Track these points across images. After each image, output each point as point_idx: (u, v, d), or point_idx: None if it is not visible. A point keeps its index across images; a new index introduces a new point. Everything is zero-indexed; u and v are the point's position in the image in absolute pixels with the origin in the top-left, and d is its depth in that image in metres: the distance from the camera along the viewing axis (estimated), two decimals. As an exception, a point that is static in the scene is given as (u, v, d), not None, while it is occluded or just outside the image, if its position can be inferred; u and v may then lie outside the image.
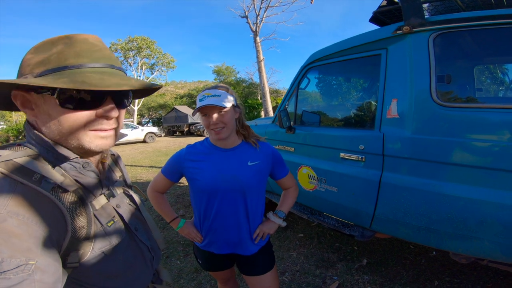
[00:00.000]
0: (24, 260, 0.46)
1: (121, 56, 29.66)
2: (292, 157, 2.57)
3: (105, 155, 0.76)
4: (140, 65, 30.48)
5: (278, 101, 31.23)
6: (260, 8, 13.31)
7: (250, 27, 13.60)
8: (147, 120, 41.16)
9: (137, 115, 32.74)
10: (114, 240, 0.67)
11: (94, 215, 0.65)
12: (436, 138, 1.59)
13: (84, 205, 0.62)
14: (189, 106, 32.43)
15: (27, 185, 0.53)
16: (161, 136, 23.33)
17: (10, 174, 0.53)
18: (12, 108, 0.65)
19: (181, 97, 40.15)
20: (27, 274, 0.45)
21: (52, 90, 0.55)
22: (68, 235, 0.57)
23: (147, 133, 18.10)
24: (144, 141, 17.85)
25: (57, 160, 0.61)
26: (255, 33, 13.34)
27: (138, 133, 17.60)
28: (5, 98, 0.61)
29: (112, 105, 0.61)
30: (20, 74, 0.58)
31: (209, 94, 1.19)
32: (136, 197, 0.82)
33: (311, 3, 12.51)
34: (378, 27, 2.20)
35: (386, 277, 2.38)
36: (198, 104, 1.20)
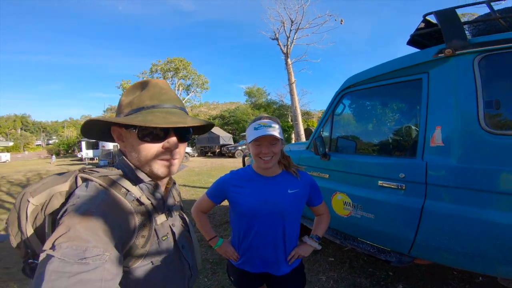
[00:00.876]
0: (102, 250, 0.55)
1: (160, 77, 31.24)
2: (327, 183, 2.53)
3: (169, 182, 0.91)
4: (177, 86, 31.97)
5: (309, 123, 30.99)
6: (291, 30, 13.50)
7: (281, 49, 13.74)
8: (182, 140, 42.53)
9: (173, 135, 33.82)
10: (164, 253, 0.78)
11: (155, 228, 0.76)
12: (486, 167, 1.49)
13: (150, 219, 0.75)
14: (221, 127, 33.23)
15: (116, 195, 0.70)
16: (194, 156, 23.99)
17: (105, 186, 0.70)
18: (110, 140, 0.83)
19: (214, 118, 41.26)
20: (101, 262, 0.54)
21: (133, 126, 0.71)
22: (132, 241, 0.69)
23: (181, 153, 18.65)
24: (178, 161, 18.38)
25: (137, 180, 0.76)
26: (286, 55, 13.44)
27: (173, 153, 18.19)
28: (106, 132, 0.80)
29: (174, 139, 0.74)
30: (117, 113, 0.78)
31: (265, 124, 1.25)
32: (187, 220, 0.96)
33: (341, 23, 12.57)
34: (417, 49, 2.16)
35: (424, 303, 2.19)
36: (255, 133, 1.24)
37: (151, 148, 0.73)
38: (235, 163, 15.82)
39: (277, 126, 1.27)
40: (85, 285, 0.49)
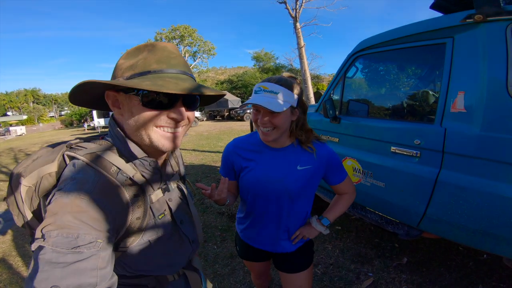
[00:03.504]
0: (95, 237, 0.53)
1: (166, 45, 31.23)
2: (336, 147, 2.48)
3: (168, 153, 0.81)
4: (183, 53, 31.59)
5: (319, 86, 30.29)
6: None
7: (290, 13, 12.89)
8: (190, 105, 42.37)
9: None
10: (161, 231, 0.73)
11: (150, 207, 0.71)
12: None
13: (144, 198, 0.69)
14: (229, 92, 32.92)
15: (106, 176, 0.62)
16: (203, 120, 24.09)
17: (94, 165, 0.62)
18: (101, 107, 0.75)
19: (222, 83, 40.72)
20: (95, 250, 0.52)
21: (137, 91, 0.62)
22: (127, 224, 0.64)
23: (190, 118, 18.79)
24: (187, 125, 18.62)
25: (130, 156, 0.68)
26: (295, 19, 12.64)
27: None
28: (98, 98, 0.70)
29: (182, 108, 0.67)
30: (113, 76, 0.67)
31: (266, 88, 1.05)
32: (186, 192, 0.87)
33: None
34: (441, 14, 2.01)
35: (426, 277, 2.26)
36: (252, 98, 1.08)
37: (154, 116, 0.64)
38: (244, 126, 15.87)
39: (284, 91, 1.05)
40: (81, 275, 0.48)
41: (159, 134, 0.66)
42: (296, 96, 1.10)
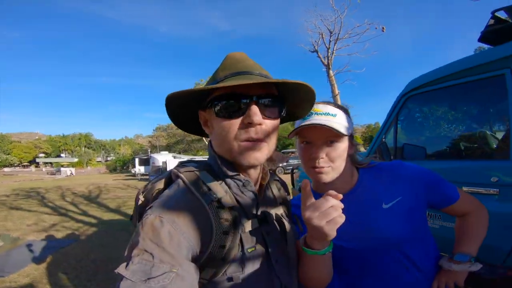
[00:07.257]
0: (168, 267, 0.48)
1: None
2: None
3: (264, 176, 0.74)
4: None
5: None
6: (330, 41, 13.13)
7: (322, 61, 13.30)
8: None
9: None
10: (249, 268, 0.62)
11: (240, 237, 0.62)
12: None
13: (234, 224, 0.60)
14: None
15: (194, 194, 0.60)
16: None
17: (186, 182, 0.62)
18: (200, 133, 0.77)
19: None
20: (168, 281, 0.47)
21: (210, 103, 0.63)
22: (207, 252, 0.57)
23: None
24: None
25: (223, 175, 0.65)
26: (328, 67, 12.97)
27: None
28: (197, 122, 0.71)
29: (255, 110, 0.59)
30: None
31: (319, 111, 0.82)
32: (289, 228, 0.74)
33: (383, 31, 11.97)
34: (489, 46, 2.05)
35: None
36: (299, 122, 0.85)
37: (230, 126, 0.60)
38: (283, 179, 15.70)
39: (341, 114, 0.84)
40: None
41: (238, 145, 0.61)
42: (351, 124, 0.89)
